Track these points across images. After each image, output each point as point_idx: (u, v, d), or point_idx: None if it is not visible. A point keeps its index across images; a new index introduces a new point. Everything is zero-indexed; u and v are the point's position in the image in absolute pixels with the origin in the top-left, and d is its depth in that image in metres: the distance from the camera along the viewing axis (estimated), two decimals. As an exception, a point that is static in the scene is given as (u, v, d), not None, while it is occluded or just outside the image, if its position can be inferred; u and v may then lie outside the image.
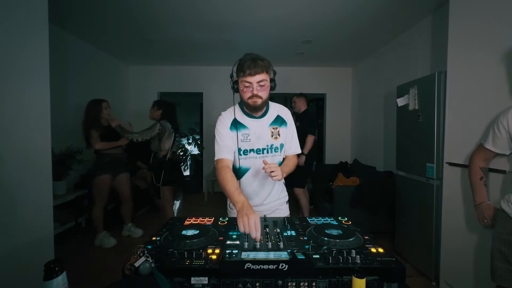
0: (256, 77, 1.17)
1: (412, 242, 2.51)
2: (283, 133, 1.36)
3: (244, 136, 1.31)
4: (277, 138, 1.35)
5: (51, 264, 0.61)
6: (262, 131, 1.32)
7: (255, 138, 1.32)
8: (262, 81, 1.18)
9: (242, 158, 1.34)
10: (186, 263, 0.77)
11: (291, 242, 0.93)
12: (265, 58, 1.21)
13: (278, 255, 0.81)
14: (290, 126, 1.40)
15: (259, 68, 1.16)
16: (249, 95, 1.21)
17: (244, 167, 1.35)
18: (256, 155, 1.33)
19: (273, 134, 1.34)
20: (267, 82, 1.22)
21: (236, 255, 0.81)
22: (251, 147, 1.32)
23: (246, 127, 1.32)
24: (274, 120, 1.36)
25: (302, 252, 0.83)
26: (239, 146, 1.32)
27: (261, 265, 0.75)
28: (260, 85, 1.19)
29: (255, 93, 1.19)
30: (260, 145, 1.32)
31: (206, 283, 0.75)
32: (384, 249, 0.87)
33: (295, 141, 1.42)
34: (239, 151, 1.32)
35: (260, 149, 1.33)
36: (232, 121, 1.32)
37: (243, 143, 1.32)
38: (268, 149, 1.34)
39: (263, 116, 1.33)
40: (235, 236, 0.98)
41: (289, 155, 1.41)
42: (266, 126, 1.34)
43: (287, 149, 1.40)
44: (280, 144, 1.36)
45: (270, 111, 1.36)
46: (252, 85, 1.19)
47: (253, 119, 1.32)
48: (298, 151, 1.42)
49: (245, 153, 1.33)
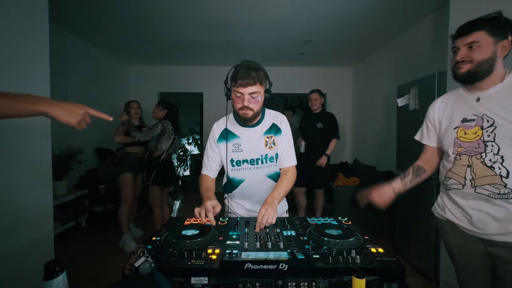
0: (248, 88, 1.12)
1: (412, 242, 2.51)
2: (278, 142, 1.29)
3: (236, 146, 1.27)
4: (271, 148, 1.28)
5: (51, 264, 0.61)
6: (254, 140, 1.27)
7: (248, 148, 1.27)
8: (254, 93, 1.14)
9: (235, 169, 1.29)
10: (186, 263, 0.78)
11: (291, 242, 0.93)
12: (260, 68, 1.15)
13: (278, 255, 0.81)
14: (285, 134, 1.30)
15: (251, 80, 1.11)
16: (240, 106, 1.17)
17: (237, 179, 1.30)
18: (250, 165, 1.28)
19: (267, 143, 1.27)
20: (260, 94, 1.16)
21: (236, 255, 0.81)
22: (244, 158, 1.27)
23: (237, 136, 1.28)
24: (269, 128, 1.29)
25: (302, 252, 0.83)
26: (231, 157, 1.28)
27: (261, 265, 0.75)
28: (252, 97, 1.15)
29: (246, 104, 1.15)
30: (253, 155, 1.27)
31: (206, 283, 0.75)
32: (384, 249, 0.87)
33: (290, 151, 1.30)
34: (231, 162, 1.29)
35: (254, 159, 1.27)
36: (222, 132, 1.29)
37: (235, 153, 1.27)
38: (262, 159, 1.27)
39: (257, 125, 1.28)
40: (235, 236, 0.98)
41: (285, 170, 1.29)
42: (260, 135, 1.27)
43: (282, 160, 1.30)
44: (275, 154, 1.29)
45: (265, 119, 1.29)
46: (243, 96, 1.14)
47: (246, 127, 1.27)
48: (293, 163, 1.31)
49: (238, 164, 1.29)
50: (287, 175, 1.27)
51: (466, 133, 1.06)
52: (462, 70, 1.02)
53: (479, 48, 0.98)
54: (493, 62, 0.99)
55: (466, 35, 0.99)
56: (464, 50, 1.01)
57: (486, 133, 1.00)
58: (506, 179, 0.96)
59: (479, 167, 1.01)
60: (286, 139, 1.30)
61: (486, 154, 1.00)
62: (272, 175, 1.32)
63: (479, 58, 0.98)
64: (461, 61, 1.02)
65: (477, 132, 1.03)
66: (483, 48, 0.97)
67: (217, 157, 1.32)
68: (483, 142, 1.01)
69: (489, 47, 0.97)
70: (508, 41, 0.98)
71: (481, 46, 0.98)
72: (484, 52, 0.98)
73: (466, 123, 1.07)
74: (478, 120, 1.03)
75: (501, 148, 0.97)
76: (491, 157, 0.99)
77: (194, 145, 6.46)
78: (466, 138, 1.06)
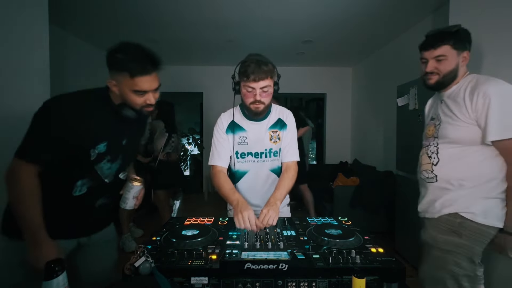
0: (260, 83, 1.13)
1: (412, 242, 2.50)
2: (283, 137, 1.31)
3: (241, 139, 1.29)
4: (276, 142, 1.30)
5: (51, 264, 0.61)
6: (260, 134, 1.29)
7: (253, 141, 1.28)
8: (265, 87, 1.15)
9: (240, 161, 1.31)
10: (186, 263, 0.77)
11: (291, 242, 0.93)
12: (269, 62, 1.16)
13: (278, 255, 0.81)
14: (290, 129, 1.32)
15: (263, 74, 1.12)
16: (251, 100, 1.18)
17: (242, 170, 1.32)
18: (254, 158, 1.30)
19: (272, 137, 1.29)
20: (271, 88, 1.18)
21: (236, 255, 0.81)
22: (248, 150, 1.29)
23: (243, 129, 1.29)
24: (275, 123, 1.31)
25: (302, 252, 0.83)
26: (236, 149, 1.29)
27: (261, 265, 0.75)
28: (264, 91, 1.16)
29: (258, 98, 1.16)
30: (258, 148, 1.29)
31: (206, 283, 0.75)
32: (384, 249, 0.87)
33: (293, 146, 1.32)
34: (236, 154, 1.30)
35: (258, 153, 1.29)
36: (229, 124, 1.30)
37: (240, 146, 1.29)
38: (266, 153, 1.30)
39: (263, 119, 1.29)
40: (235, 236, 0.98)
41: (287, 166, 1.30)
42: (265, 129, 1.29)
43: (284, 154, 1.31)
44: (279, 149, 1.31)
45: (271, 113, 1.32)
46: (255, 91, 1.15)
47: (252, 121, 1.29)
48: (296, 158, 1.32)
49: (242, 156, 1.30)
50: (288, 173, 1.27)
51: (429, 129, 1.25)
52: (432, 81, 1.17)
53: (445, 60, 1.11)
54: (456, 71, 1.13)
55: (434, 48, 1.12)
56: (433, 62, 1.14)
57: (436, 129, 1.19)
58: (434, 166, 1.17)
59: (424, 157, 1.23)
60: (290, 134, 1.32)
61: (429, 147, 1.20)
62: (275, 170, 1.34)
63: (445, 70, 1.12)
64: (430, 73, 1.16)
65: (432, 129, 1.22)
66: (449, 60, 1.11)
67: (228, 144, 1.30)
68: (433, 137, 1.20)
69: (454, 59, 1.11)
70: (467, 52, 1.13)
71: (447, 59, 1.11)
72: (450, 64, 1.11)
73: (431, 121, 1.25)
74: (436, 118, 1.21)
75: (439, 143, 1.16)
76: (432, 149, 1.19)
77: (194, 145, 6.45)
78: (428, 134, 1.25)
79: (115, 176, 1.10)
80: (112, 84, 0.96)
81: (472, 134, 1.07)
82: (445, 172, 1.14)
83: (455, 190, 1.12)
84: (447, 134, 1.12)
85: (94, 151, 0.98)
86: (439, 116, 1.18)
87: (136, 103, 0.97)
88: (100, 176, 1.04)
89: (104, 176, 1.05)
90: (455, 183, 1.11)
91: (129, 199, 1.16)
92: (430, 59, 1.14)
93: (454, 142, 1.11)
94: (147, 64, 0.93)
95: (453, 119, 1.11)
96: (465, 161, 1.09)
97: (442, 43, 1.10)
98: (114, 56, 0.92)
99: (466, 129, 1.07)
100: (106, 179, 1.06)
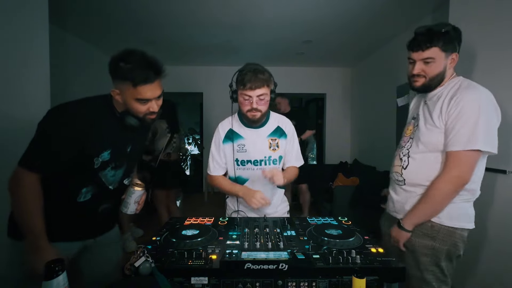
0: (256, 91, 1.16)
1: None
2: (282, 145, 1.33)
3: (240, 147, 1.31)
4: (275, 150, 1.32)
5: (51, 264, 0.60)
6: (258, 141, 1.31)
7: (252, 149, 1.30)
8: (262, 95, 1.18)
9: (240, 168, 1.33)
10: (186, 263, 0.77)
11: (291, 242, 0.93)
12: (266, 70, 1.20)
13: (278, 255, 0.81)
14: (291, 138, 1.36)
15: (259, 82, 1.15)
16: (248, 108, 1.20)
17: (242, 178, 1.34)
18: (253, 166, 1.31)
19: (271, 145, 1.31)
20: (267, 96, 1.21)
21: (236, 255, 0.81)
22: (248, 158, 1.31)
23: (242, 137, 1.31)
24: (274, 131, 1.33)
25: (302, 252, 0.83)
26: (236, 157, 1.31)
27: (261, 265, 0.75)
28: (260, 99, 1.18)
29: (255, 106, 1.19)
30: (257, 156, 1.31)
31: (206, 283, 0.75)
32: (384, 249, 0.87)
33: (296, 154, 1.37)
34: (236, 161, 1.32)
35: (258, 160, 1.31)
36: (227, 132, 1.32)
37: (239, 153, 1.31)
38: (266, 161, 1.31)
39: (262, 126, 1.31)
40: (235, 236, 0.98)
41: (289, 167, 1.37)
42: (264, 136, 1.31)
43: (287, 161, 1.37)
44: (279, 156, 1.33)
45: (270, 121, 1.33)
46: (252, 99, 1.18)
47: (251, 129, 1.30)
48: (300, 164, 1.38)
49: (242, 164, 1.32)
50: (290, 168, 1.37)
51: (407, 129, 1.23)
52: (418, 83, 1.12)
53: (433, 63, 1.07)
54: (444, 73, 1.09)
55: (422, 50, 1.07)
56: (420, 64, 1.10)
57: (413, 130, 1.18)
58: (404, 170, 1.16)
59: (396, 158, 1.21)
60: (291, 142, 1.36)
61: (403, 148, 1.19)
62: None
63: (433, 73, 1.08)
64: (417, 75, 1.11)
65: (410, 129, 1.21)
66: (437, 63, 1.07)
67: (222, 159, 1.35)
68: (409, 138, 1.19)
69: (441, 61, 1.07)
70: (456, 54, 1.09)
71: (435, 62, 1.07)
72: (437, 67, 1.07)
73: (412, 120, 1.23)
74: (416, 119, 1.18)
75: (413, 145, 1.15)
76: (404, 151, 1.17)
77: (194, 145, 6.46)
78: (406, 133, 1.23)
79: (120, 182, 1.11)
80: (115, 93, 0.96)
81: (440, 140, 1.06)
82: (413, 177, 1.13)
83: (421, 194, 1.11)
84: (420, 137, 1.12)
85: (98, 159, 0.99)
86: (419, 116, 1.16)
87: (139, 111, 0.97)
88: (104, 183, 1.05)
89: (108, 183, 1.06)
90: (421, 188, 1.11)
91: (131, 204, 1.17)
92: (417, 61, 1.10)
93: (424, 146, 1.10)
94: (149, 73, 0.93)
95: (428, 122, 1.10)
96: (431, 167, 1.09)
97: (430, 44, 1.05)
98: (116, 64, 0.92)
99: (436, 134, 1.07)
100: (110, 186, 1.07)
